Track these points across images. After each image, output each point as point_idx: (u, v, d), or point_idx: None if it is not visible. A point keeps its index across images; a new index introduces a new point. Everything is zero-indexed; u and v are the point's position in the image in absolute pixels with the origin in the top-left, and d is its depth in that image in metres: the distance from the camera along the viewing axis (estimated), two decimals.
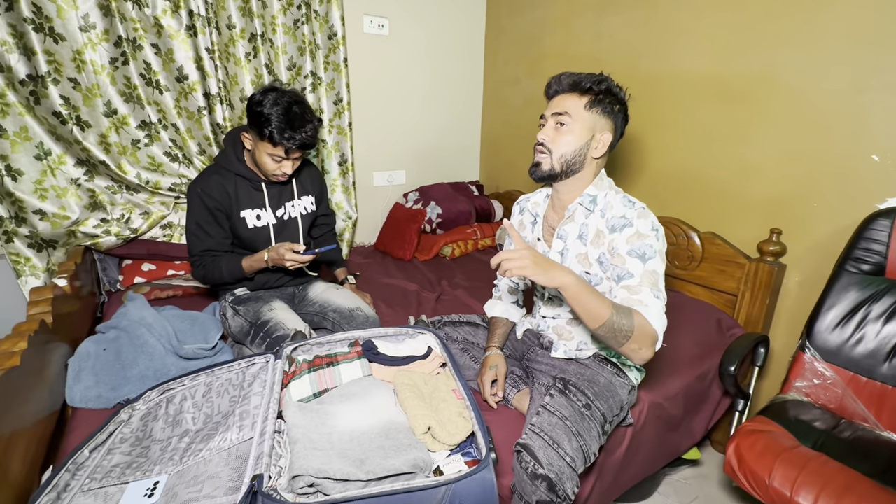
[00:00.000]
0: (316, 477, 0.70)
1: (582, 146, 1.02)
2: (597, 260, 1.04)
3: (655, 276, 0.94)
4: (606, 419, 1.00)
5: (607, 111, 1.02)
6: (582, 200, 1.06)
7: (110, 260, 1.76)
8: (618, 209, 1.02)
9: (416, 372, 0.99)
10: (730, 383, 1.24)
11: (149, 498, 0.78)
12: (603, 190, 1.06)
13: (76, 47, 1.55)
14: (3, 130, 1.50)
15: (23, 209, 1.55)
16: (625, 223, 0.98)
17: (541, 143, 1.04)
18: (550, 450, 0.88)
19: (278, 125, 1.20)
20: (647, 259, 0.95)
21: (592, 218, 1.05)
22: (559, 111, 1.02)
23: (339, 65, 2.09)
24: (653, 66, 1.79)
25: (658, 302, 0.92)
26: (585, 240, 1.05)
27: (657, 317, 0.90)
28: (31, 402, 0.88)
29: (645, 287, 0.93)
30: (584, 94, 1.01)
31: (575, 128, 1.01)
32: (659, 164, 1.85)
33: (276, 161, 1.28)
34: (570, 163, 1.03)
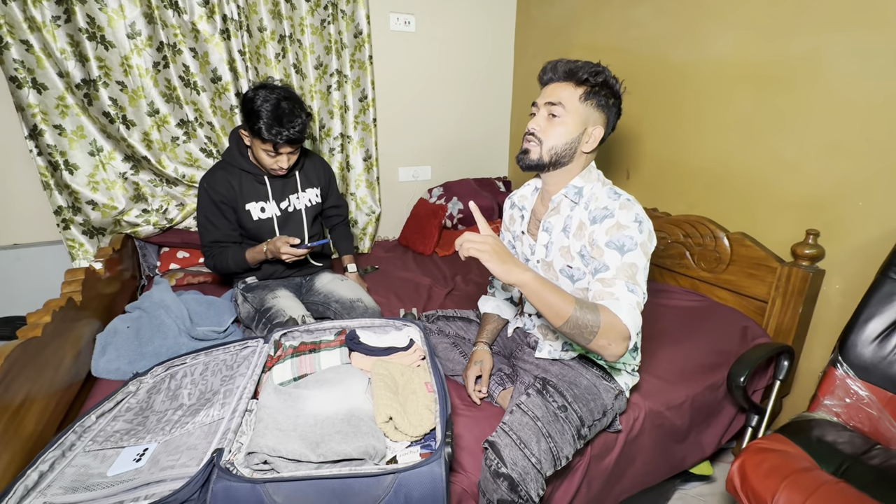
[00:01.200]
0: (270, 455, 0.74)
1: (573, 140, 0.98)
2: (578, 253, 1.00)
3: (634, 268, 0.89)
4: (584, 423, 0.95)
5: (602, 104, 0.98)
6: (567, 192, 1.03)
7: (150, 247, 1.93)
8: (601, 201, 0.98)
9: (393, 363, 1.00)
10: (739, 396, 1.14)
11: (136, 462, 0.86)
12: (590, 182, 1.03)
13: (124, 53, 1.71)
14: (63, 129, 1.69)
15: (78, 200, 1.74)
16: (605, 214, 0.95)
17: (531, 132, 1.01)
18: (516, 449, 0.86)
19: (266, 121, 1.25)
20: (625, 251, 0.90)
21: (577, 210, 1.01)
22: (552, 101, 0.98)
23: (364, 62, 2.15)
24: (683, 54, 1.67)
25: (631, 296, 0.87)
26: (568, 232, 1.02)
27: (627, 311, 0.85)
28: (50, 369, 0.99)
29: (620, 280, 0.88)
30: (580, 84, 0.97)
31: (567, 120, 0.97)
32: (686, 159, 1.73)
33: (271, 156, 1.34)
34: (560, 155, 0.99)
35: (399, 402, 0.88)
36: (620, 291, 0.87)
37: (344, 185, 2.26)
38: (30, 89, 1.60)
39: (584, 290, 1.02)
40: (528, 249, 1.13)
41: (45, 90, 1.62)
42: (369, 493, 0.70)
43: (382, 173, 2.40)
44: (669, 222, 1.75)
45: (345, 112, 2.17)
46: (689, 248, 1.69)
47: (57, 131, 1.67)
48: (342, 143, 2.20)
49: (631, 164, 1.97)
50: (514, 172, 2.77)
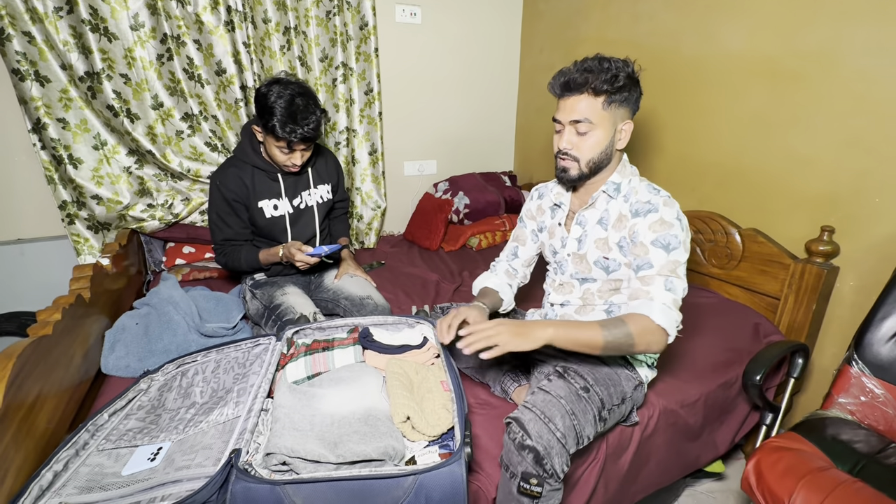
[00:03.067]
0: (288, 456, 0.73)
1: (607, 144, 0.99)
2: (617, 244, 1.01)
3: (675, 265, 0.92)
4: (605, 405, 0.96)
5: (625, 101, 0.97)
6: (606, 188, 1.04)
7: (156, 243, 1.92)
8: (643, 195, 1.00)
9: (408, 361, 0.99)
10: (754, 394, 1.13)
11: (151, 461, 0.85)
12: (626, 177, 1.04)
13: (127, 45, 1.68)
14: (67, 123, 1.66)
15: (82, 194, 1.72)
16: (649, 208, 0.97)
17: (564, 152, 1.01)
18: (541, 423, 0.85)
19: (280, 118, 1.23)
20: (671, 249, 0.93)
21: (614, 203, 1.03)
22: (577, 118, 0.97)
23: (369, 55, 2.12)
24: (695, 47, 1.65)
25: (667, 295, 0.90)
26: (606, 224, 1.04)
27: (660, 311, 0.89)
28: (61, 368, 0.98)
29: (660, 278, 0.91)
30: (599, 94, 0.95)
31: (597, 132, 0.98)
32: (697, 154, 1.71)
33: (285, 153, 1.32)
34: (598, 162, 1.01)
35: (415, 401, 0.87)
36: (657, 290, 0.90)
37: (349, 179, 2.24)
38: (32, 82, 1.58)
39: (617, 280, 1.04)
40: (558, 242, 1.13)
41: (48, 83, 1.60)
42: (389, 495, 0.70)
43: (388, 167, 2.38)
44: None
45: (350, 105, 2.15)
46: (700, 244, 1.68)
47: (61, 125, 1.65)
48: (347, 136, 2.18)
49: (641, 159, 1.95)
50: (519, 167, 2.75)
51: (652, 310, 0.89)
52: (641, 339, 0.89)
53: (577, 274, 1.10)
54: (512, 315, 1.31)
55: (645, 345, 0.89)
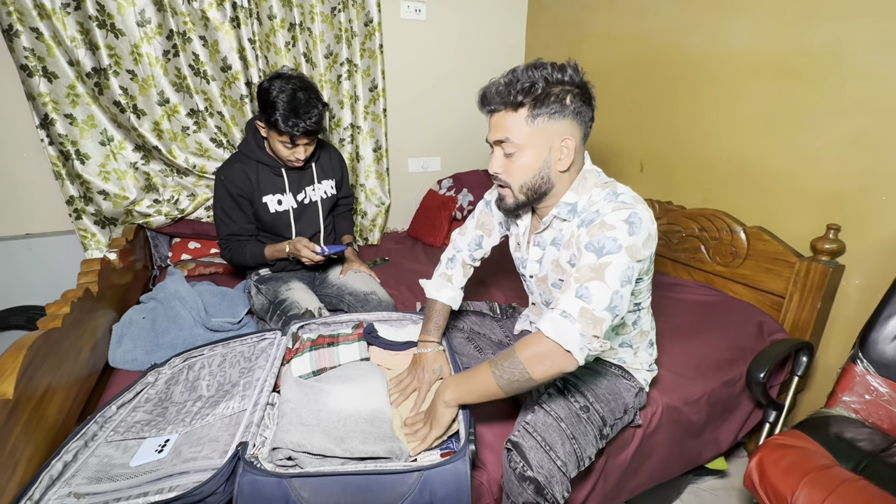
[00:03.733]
0: (294, 451, 0.74)
1: (541, 167, 0.86)
2: (568, 262, 0.90)
3: (603, 268, 0.75)
4: (606, 423, 0.95)
5: (556, 112, 0.82)
6: (559, 212, 0.91)
7: (162, 238, 1.93)
8: (596, 205, 0.85)
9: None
10: (758, 392, 1.13)
11: (158, 453, 0.86)
12: (585, 193, 0.89)
13: (134, 41, 1.69)
14: (74, 118, 1.67)
15: (89, 189, 1.73)
16: (594, 218, 0.82)
17: (495, 177, 0.90)
18: (542, 452, 0.83)
19: (283, 113, 1.24)
20: (604, 253, 0.76)
21: (568, 224, 0.91)
22: (499, 137, 0.85)
23: (374, 51, 2.11)
24: (699, 43, 1.64)
25: (574, 303, 0.74)
26: (559, 244, 0.93)
27: (552, 322, 0.74)
28: (69, 360, 0.99)
29: (574, 284, 0.76)
30: (519, 108, 0.82)
31: (524, 152, 0.84)
32: (702, 152, 1.70)
33: (288, 148, 1.33)
34: (535, 188, 0.88)
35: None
36: (564, 299, 0.75)
37: (354, 175, 2.24)
38: (40, 78, 1.59)
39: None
40: (520, 262, 1.06)
41: (55, 79, 1.61)
42: (394, 490, 0.70)
43: (392, 164, 2.38)
44: (684, 216, 1.73)
45: (355, 102, 2.15)
46: (704, 241, 1.67)
47: (68, 121, 1.66)
48: (352, 133, 2.18)
49: (645, 157, 1.94)
50: None
51: (543, 322, 0.74)
52: (534, 367, 0.74)
53: (543, 295, 1.02)
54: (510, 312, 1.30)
55: (541, 372, 0.74)
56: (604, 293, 0.74)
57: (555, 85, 0.82)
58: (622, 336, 1.02)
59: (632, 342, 1.03)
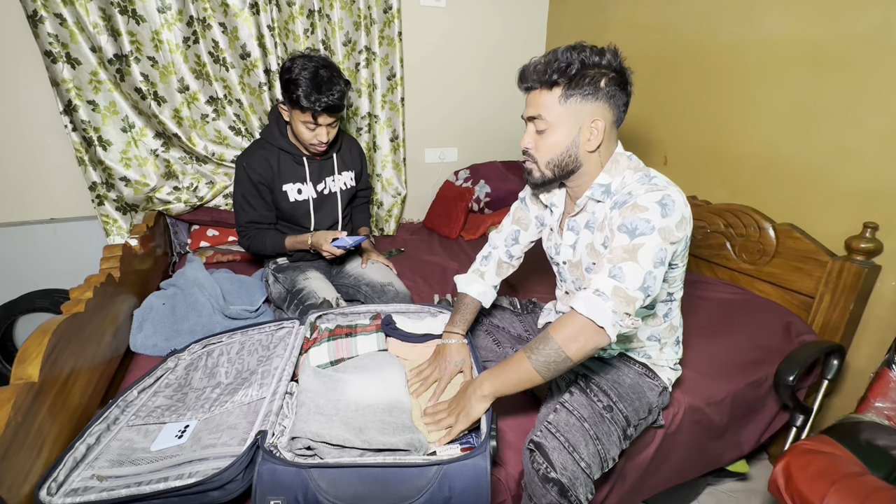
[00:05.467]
0: (313, 440, 0.73)
1: (569, 146, 0.87)
2: (602, 245, 0.90)
3: (636, 249, 0.76)
4: (630, 423, 0.92)
5: (589, 94, 0.83)
6: (593, 193, 0.91)
7: (181, 225, 1.95)
8: (629, 187, 0.86)
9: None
10: (786, 395, 1.09)
11: (178, 438, 0.87)
12: (618, 174, 0.89)
13: (154, 27, 1.69)
14: (96, 105, 1.69)
15: (111, 176, 1.75)
16: (627, 199, 0.83)
17: (524, 151, 0.92)
18: (565, 453, 0.81)
19: (305, 89, 1.22)
20: (637, 234, 0.77)
21: (602, 205, 0.91)
22: (532, 114, 0.88)
23: (393, 39, 2.09)
24: (733, 31, 1.57)
25: (608, 282, 0.75)
26: (593, 227, 0.93)
27: (585, 300, 0.75)
28: (92, 344, 1.00)
29: (607, 264, 0.77)
30: (553, 86, 0.84)
31: (554, 130, 0.86)
32: (730, 144, 1.64)
33: (310, 129, 1.31)
34: (562, 166, 0.89)
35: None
36: (597, 280, 0.76)
37: (370, 165, 2.23)
38: (64, 64, 1.60)
39: None
40: (553, 248, 1.06)
41: (78, 65, 1.62)
42: (413, 484, 0.70)
43: (408, 154, 2.36)
44: (710, 211, 1.68)
45: (372, 91, 2.13)
46: (730, 238, 1.62)
47: (90, 107, 1.68)
48: (369, 122, 2.16)
49: (669, 149, 1.89)
50: None
51: (576, 300, 0.75)
52: (569, 345, 0.75)
53: (577, 282, 1.01)
54: (530, 307, 1.28)
55: (576, 350, 0.75)
56: (637, 273, 0.75)
57: (591, 67, 0.82)
58: (651, 328, 1.00)
59: (660, 336, 1.01)
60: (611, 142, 0.90)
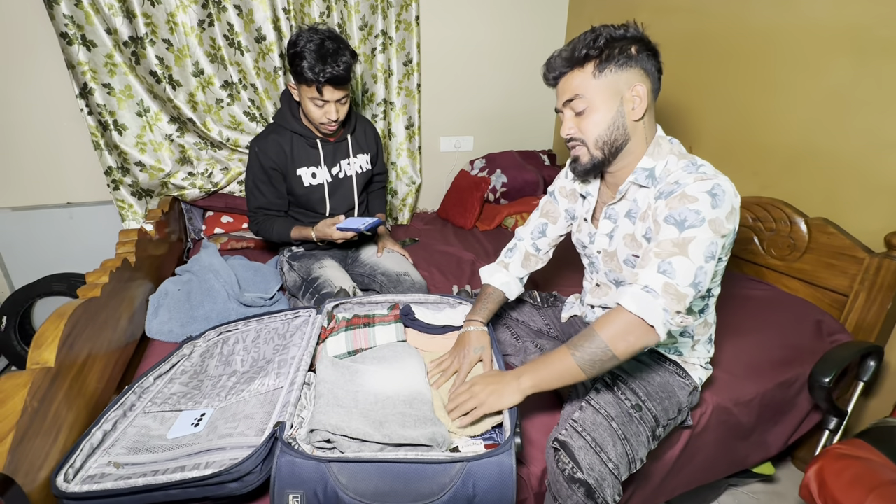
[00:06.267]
0: (333, 433, 0.71)
1: (614, 117, 0.83)
2: (644, 236, 0.86)
3: (686, 243, 0.73)
4: (659, 423, 0.89)
5: (622, 62, 0.81)
6: (636, 178, 0.87)
7: (196, 211, 1.94)
8: (674, 175, 0.82)
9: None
10: (821, 397, 1.05)
11: (195, 427, 0.85)
12: (661, 158, 0.86)
13: (170, 9, 1.66)
14: (112, 88, 1.67)
15: (126, 161, 1.74)
16: (673, 189, 0.79)
17: (569, 138, 0.88)
18: (592, 453, 0.79)
19: (309, 61, 1.19)
20: (686, 227, 0.74)
21: (644, 192, 0.87)
22: (568, 97, 0.85)
23: (410, 23, 2.03)
24: (767, 15, 1.50)
25: (657, 278, 0.73)
26: (634, 217, 0.89)
27: (633, 296, 0.73)
28: (108, 329, 0.99)
29: (655, 259, 0.75)
30: (585, 63, 0.82)
31: (596, 104, 0.83)
32: (760, 134, 1.57)
33: (318, 106, 1.28)
34: (612, 142, 0.85)
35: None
36: (645, 274, 0.74)
37: (385, 153, 2.19)
38: (79, 46, 1.58)
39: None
40: (586, 237, 1.02)
41: (94, 47, 1.60)
42: (435, 481, 0.67)
43: (423, 142, 2.32)
44: None
45: (388, 77, 2.08)
46: (759, 232, 1.56)
47: (106, 90, 1.66)
48: (385, 109, 2.12)
49: (694, 138, 1.82)
50: (559, 145, 2.64)
51: (623, 296, 0.74)
52: (617, 344, 0.74)
53: (611, 274, 0.97)
54: (551, 300, 1.25)
55: (624, 348, 0.74)
56: (688, 269, 0.73)
57: (618, 39, 0.81)
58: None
59: (693, 332, 0.97)
60: (651, 116, 0.87)
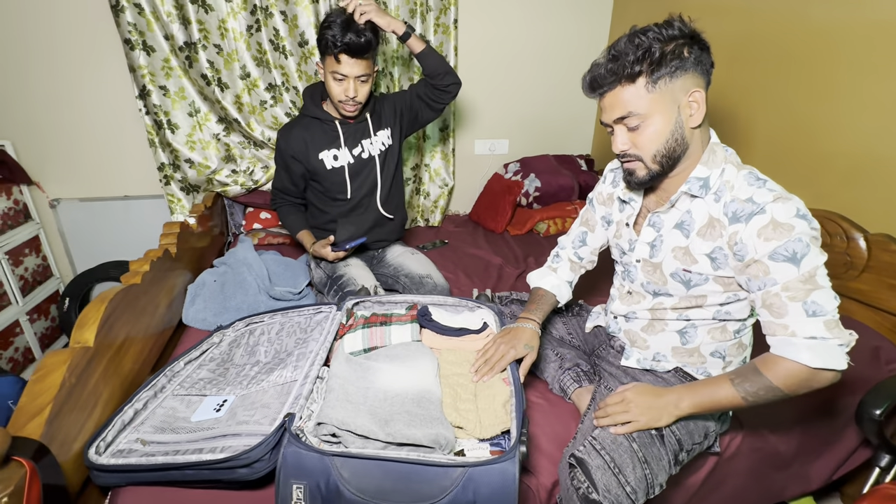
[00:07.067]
0: (339, 428, 0.72)
1: (673, 129, 0.78)
2: (708, 255, 0.82)
3: (812, 275, 0.71)
4: (683, 447, 0.84)
5: (677, 68, 0.75)
6: (689, 187, 0.82)
7: (237, 207, 2.04)
8: (741, 190, 0.77)
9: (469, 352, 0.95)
10: (871, 430, 0.95)
11: (216, 412, 0.90)
12: (716, 167, 0.80)
13: (221, 16, 1.75)
14: (167, 90, 1.79)
15: (177, 158, 1.86)
16: (753, 209, 0.74)
17: (623, 153, 0.83)
18: (610, 474, 0.75)
19: (333, 30, 1.24)
20: (800, 259, 0.71)
21: (700, 203, 0.82)
22: (620, 115, 0.80)
23: (448, 27, 2.05)
24: (829, 13, 1.38)
25: (813, 323, 0.71)
26: (689, 230, 0.84)
27: (810, 350, 0.71)
28: (147, 315, 1.06)
29: (794, 304, 0.72)
30: (635, 79, 0.76)
31: (651, 119, 0.78)
32: (819, 142, 1.46)
33: (338, 80, 1.31)
34: (670, 153, 0.80)
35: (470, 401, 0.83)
36: (796, 322, 0.72)
37: (419, 155, 2.21)
38: (140, 51, 1.70)
39: (699, 296, 0.87)
40: (626, 244, 0.97)
41: (153, 52, 1.72)
42: (436, 483, 0.67)
43: (458, 145, 2.32)
44: None
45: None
46: None
47: (162, 92, 1.78)
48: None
49: (743, 146, 1.71)
50: (597, 150, 2.56)
51: (799, 353, 0.71)
52: (792, 387, 0.74)
53: (650, 285, 0.93)
54: (576, 310, 1.21)
55: (805, 389, 0.75)
56: (827, 297, 0.72)
57: (667, 42, 0.75)
58: (717, 343, 0.91)
59: (725, 353, 0.91)
60: (706, 118, 0.81)
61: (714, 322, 0.88)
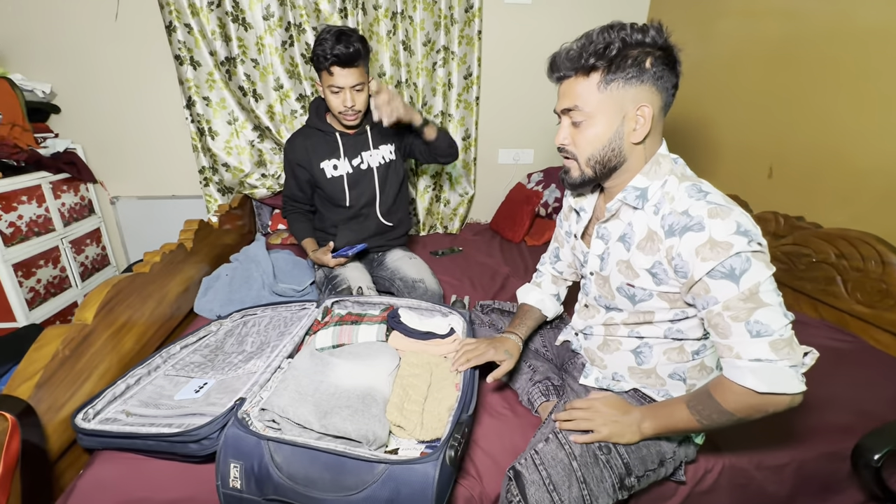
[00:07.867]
0: (279, 415, 0.76)
1: (611, 138, 0.76)
2: (648, 270, 0.79)
3: (753, 293, 0.67)
4: (631, 472, 0.79)
5: (633, 77, 0.72)
6: (626, 196, 0.80)
7: (265, 208, 2.19)
8: (679, 202, 0.74)
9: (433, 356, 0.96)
10: (867, 478, 0.84)
11: (196, 393, 0.98)
12: (658, 178, 0.78)
13: (259, 33, 1.91)
14: (210, 101, 1.97)
15: (216, 162, 2.04)
16: (687, 223, 0.71)
17: (561, 147, 0.82)
18: (544, 490, 0.74)
19: (322, 48, 1.31)
20: (739, 275, 0.67)
21: (640, 215, 0.80)
22: (567, 105, 0.78)
23: (472, 38, 2.08)
24: (878, 17, 1.25)
25: (757, 344, 0.67)
26: (630, 243, 0.81)
27: (754, 374, 0.67)
28: (153, 301, 1.18)
29: (737, 325, 0.68)
30: (591, 72, 0.74)
31: (595, 120, 0.76)
32: (859, 158, 1.31)
33: (335, 93, 1.38)
34: (604, 162, 0.79)
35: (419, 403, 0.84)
36: (739, 343, 0.68)
37: None
38: (188, 66, 1.90)
39: (647, 312, 0.83)
40: (581, 256, 0.95)
41: (199, 66, 1.91)
42: (359, 476, 0.69)
43: (482, 154, 2.33)
44: (818, 236, 1.37)
45: (448, 90, 2.15)
46: (842, 272, 1.30)
47: (205, 102, 1.97)
48: (442, 121, 2.19)
49: (776, 159, 1.58)
50: None
51: (744, 377, 0.68)
52: (743, 411, 0.70)
53: (602, 299, 0.90)
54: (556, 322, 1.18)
55: (760, 413, 0.70)
56: (774, 315, 0.67)
57: (633, 47, 0.72)
58: (674, 364, 0.85)
59: (685, 375, 0.85)
60: (656, 133, 0.79)
61: (668, 341, 0.84)
